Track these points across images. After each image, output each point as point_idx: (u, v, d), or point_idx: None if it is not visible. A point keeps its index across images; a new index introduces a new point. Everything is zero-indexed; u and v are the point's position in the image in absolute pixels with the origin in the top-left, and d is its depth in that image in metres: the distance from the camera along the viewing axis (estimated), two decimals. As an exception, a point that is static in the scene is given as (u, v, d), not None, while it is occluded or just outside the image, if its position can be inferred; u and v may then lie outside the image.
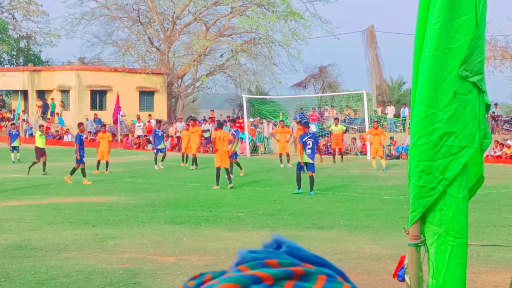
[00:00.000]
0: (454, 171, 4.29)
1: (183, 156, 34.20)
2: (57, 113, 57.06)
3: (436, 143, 4.28)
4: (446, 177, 4.28)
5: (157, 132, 34.15)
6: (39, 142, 30.30)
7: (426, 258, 4.42)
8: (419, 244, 4.39)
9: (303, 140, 22.33)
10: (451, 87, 4.29)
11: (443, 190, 4.28)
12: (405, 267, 4.45)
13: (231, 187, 23.61)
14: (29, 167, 29.36)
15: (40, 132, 31.00)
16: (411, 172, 4.36)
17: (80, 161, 25.74)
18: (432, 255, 4.32)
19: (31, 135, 54.85)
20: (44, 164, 29.61)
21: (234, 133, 27.99)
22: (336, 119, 40.28)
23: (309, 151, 22.16)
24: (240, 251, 1.33)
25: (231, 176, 24.88)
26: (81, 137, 26.59)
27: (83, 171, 25.65)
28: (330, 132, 39.53)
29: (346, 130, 40.96)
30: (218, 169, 23.84)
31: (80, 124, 28.05)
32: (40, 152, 29.94)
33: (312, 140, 22.48)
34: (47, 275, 11.01)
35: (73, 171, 25.84)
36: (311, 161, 22.14)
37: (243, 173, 28.15)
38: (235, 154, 27.91)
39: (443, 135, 4.28)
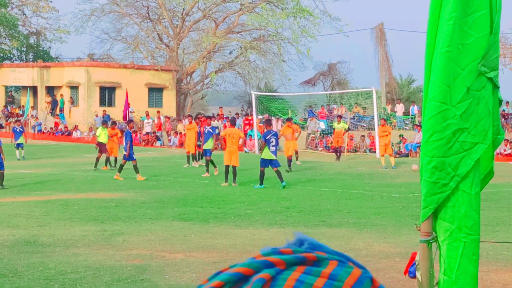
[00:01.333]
0: (467, 167, 4.26)
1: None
2: (60, 110, 57.18)
3: (449, 139, 4.25)
4: (459, 173, 4.25)
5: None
6: (102, 137, 30.43)
7: (437, 255, 4.38)
8: (431, 241, 4.36)
9: (266, 138, 23.14)
10: (465, 83, 4.26)
11: (455, 187, 4.25)
12: (417, 263, 4.41)
13: (225, 185, 23.52)
14: (111, 164, 29.95)
15: (102, 127, 31.07)
16: (423, 168, 4.33)
17: (130, 157, 25.76)
18: (444, 252, 4.29)
19: (40, 130, 55.04)
20: (108, 158, 30.07)
21: (210, 130, 27.93)
22: (339, 116, 40.15)
23: (273, 148, 23.04)
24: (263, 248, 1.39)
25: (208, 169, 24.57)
26: (131, 134, 26.57)
27: (135, 167, 25.71)
28: (334, 129, 39.40)
29: (349, 129, 40.83)
30: (227, 166, 23.81)
31: (130, 121, 28.06)
32: (103, 147, 30.12)
33: (274, 137, 23.40)
34: (55, 271, 11.00)
35: (120, 168, 25.93)
36: (275, 158, 22.99)
37: (217, 172, 27.16)
38: (209, 151, 27.68)
39: (456, 131, 4.25)
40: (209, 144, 27.84)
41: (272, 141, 23.10)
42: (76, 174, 27.34)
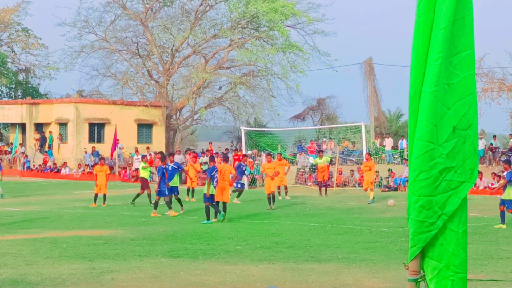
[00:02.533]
0: (454, 206, 4.28)
1: (188, 190, 33.55)
2: (49, 147, 57.04)
3: (436, 178, 4.27)
4: (446, 212, 4.27)
5: (241, 166, 33.41)
6: (144, 173, 30.34)
7: (426, 294, 4.38)
8: (419, 280, 4.36)
9: (212, 174, 23.78)
10: (451, 122, 4.30)
11: (442, 225, 4.27)
12: (405, 303, 4.41)
13: (216, 221, 23.46)
14: (133, 199, 29.67)
15: (144, 163, 31.01)
16: (410, 207, 4.34)
17: (161, 193, 25.89)
18: (432, 291, 4.29)
19: (29, 168, 54.84)
20: (149, 196, 29.80)
21: (174, 166, 27.28)
22: (320, 151, 40.15)
23: (216, 184, 23.71)
24: None
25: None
26: (163, 169, 26.34)
27: (168, 203, 25.86)
28: (316, 165, 39.07)
29: (331, 161, 40.81)
30: (218, 202, 23.70)
31: (163, 157, 27.75)
32: (145, 183, 29.96)
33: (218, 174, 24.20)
34: (43, 310, 10.91)
35: (155, 205, 26.04)
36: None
37: (183, 211, 26.63)
38: (176, 189, 26.97)
39: (442, 170, 4.27)
40: (175, 181, 27.12)
41: (216, 177, 23.70)
42: (65, 212, 27.20)
